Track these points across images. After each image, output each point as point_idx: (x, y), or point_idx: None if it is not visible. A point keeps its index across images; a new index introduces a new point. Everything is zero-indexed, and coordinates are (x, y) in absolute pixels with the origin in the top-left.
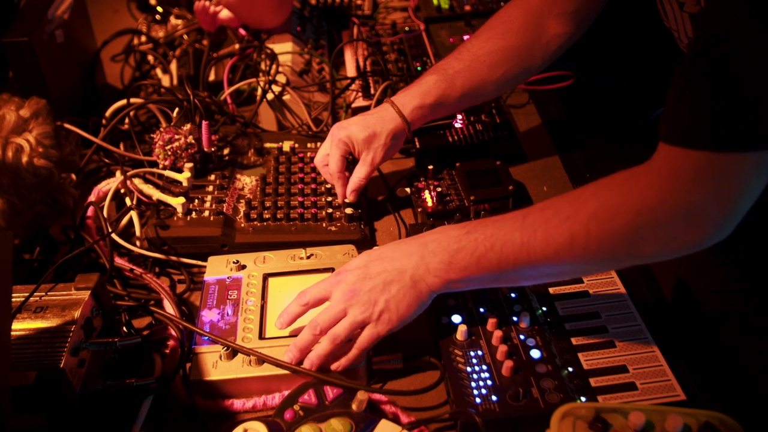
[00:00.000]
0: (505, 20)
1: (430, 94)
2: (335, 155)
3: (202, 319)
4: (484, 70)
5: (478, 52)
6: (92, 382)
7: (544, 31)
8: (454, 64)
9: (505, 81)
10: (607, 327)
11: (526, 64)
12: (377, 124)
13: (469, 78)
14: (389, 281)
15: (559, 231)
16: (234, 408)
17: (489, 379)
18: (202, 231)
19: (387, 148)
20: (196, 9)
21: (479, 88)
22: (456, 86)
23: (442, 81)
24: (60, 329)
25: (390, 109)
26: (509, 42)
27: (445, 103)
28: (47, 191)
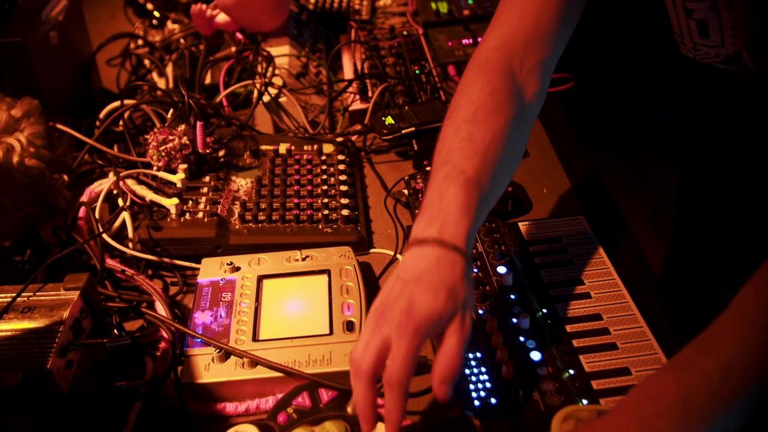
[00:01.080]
0: (489, 92)
1: (470, 210)
2: (406, 355)
3: (194, 321)
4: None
5: (485, 139)
6: (81, 385)
7: (524, 93)
8: (469, 163)
9: (517, 155)
10: (609, 329)
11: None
12: (444, 278)
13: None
14: None
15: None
16: (226, 411)
17: (488, 381)
18: (196, 232)
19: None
20: (193, 12)
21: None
22: (484, 185)
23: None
24: (48, 330)
25: (437, 250)
26: (508, 116)
27: (483, 208)
28: (39, 192)
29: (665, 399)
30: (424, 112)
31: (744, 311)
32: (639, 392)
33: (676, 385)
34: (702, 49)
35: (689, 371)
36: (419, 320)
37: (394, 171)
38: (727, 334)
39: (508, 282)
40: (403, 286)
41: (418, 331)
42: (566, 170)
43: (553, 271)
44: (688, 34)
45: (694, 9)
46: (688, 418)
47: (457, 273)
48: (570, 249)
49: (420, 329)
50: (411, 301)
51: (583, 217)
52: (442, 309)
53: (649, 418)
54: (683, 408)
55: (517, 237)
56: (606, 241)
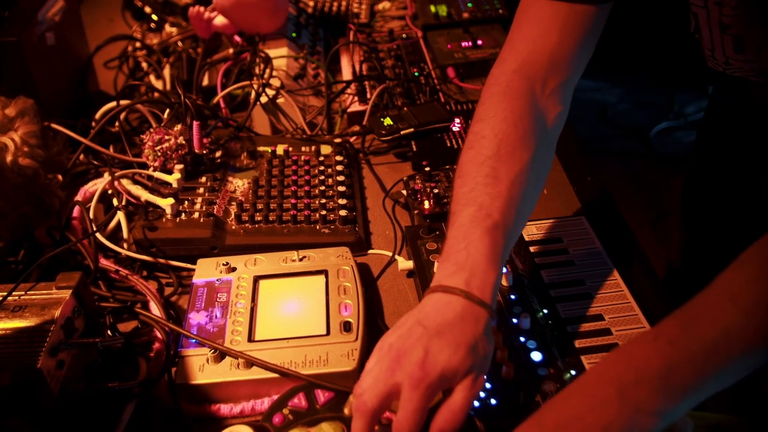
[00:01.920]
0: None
1: (497, 258)
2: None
3: (189, 321)
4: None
5: (510, 177)
6: (72, 386)
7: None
8: (494, 204)
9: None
10: (611, 329)
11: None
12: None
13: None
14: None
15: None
16: (221, 413)
17: (488, 382)
18: (192, 232)
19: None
20: (191, 15)
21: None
22: (510, 227)
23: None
24: (38, 329)
25: (463, 303)
26: (532, 149)
27: (508, 251)
28: (33, 192)
29: (647, 368)
30: (423, 113)
31: (735, 298)
32: (620, 359)
33: (661, 357)
34: (735, 63)
35: (675, 345)
36: (434, 376)
37: (393, 172)
38: (716, 318)
39: (508, 282)
40: (423, 334)
41: (431, 386)
42: (566, 171)
43: (554, 272)
44: (721, 48)
45: (731, 25)
46: (669, 389)
47: (479, 329)
48: (571, 249)
49: (433, 384)
50: (428, 353)
51: (584, 217)
52: (459, 367)
53: (630, 386)
54: (665, 379)
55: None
56: (608, 242)
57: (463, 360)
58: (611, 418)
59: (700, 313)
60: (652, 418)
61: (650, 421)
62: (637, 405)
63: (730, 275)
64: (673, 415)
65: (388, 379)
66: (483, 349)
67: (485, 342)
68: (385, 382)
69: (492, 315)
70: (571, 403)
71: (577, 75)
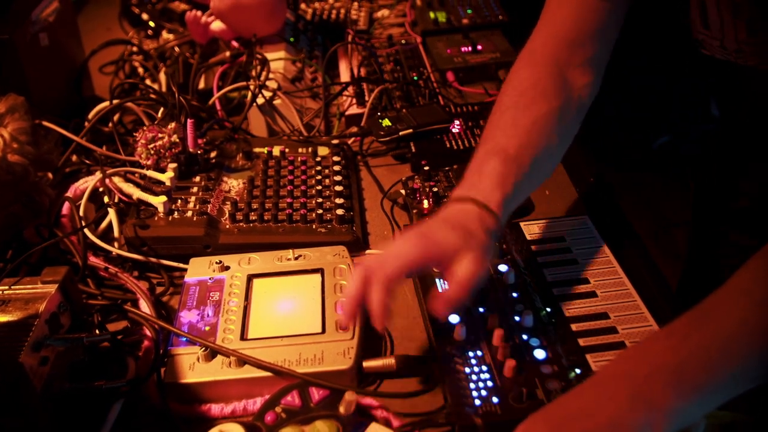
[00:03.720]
0: (532, 83)
1: (507, 183)
2: (401, 254)
3: (180, 320)
4: (542, 139)
5: (526, 123)
6: (57, 384)
7: (573, 85)
8: (510, 143)
9: (563, 143)
10: (617, 328)
11: (573, 123)
12: (465, 222)
13: (533, 153)
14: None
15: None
16: (211, 413)
17: (489, 380)
18: (184, 231)
19: (487, 251)
20: (188, 19)
21: (546, 159)
22: (525, 165)
23: (509, 164)
24: (22, 323)
25: (468, 205)
26: (552, 104)
27: (522, 188)
28: (22, 190)
29: (661, 365)
30: (422, 114)
31: (750, 292)
32: (632, 356)
33: (674, 353)
34: (747, 49)
35: (688, 341)
36: (430, 241)
37: (392, 174)
38: (731, 311)
39: (510, 280)
40: (429, 219)
41: (419, 245)
42: (568, 172)
43: (557, 270)
44: (734, 33)
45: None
46: (682, 386)
47: (481, 227)
48: (574, 248)
49: (428, 246)
50: (429, 227)
51: (587, 216)
52: (453, 242)
53: (643, 383)
54: (678, 375)
55: (519, 236)
56: (611, 241)
57: (456, 238)
58: (620, 413)
59: (714, 308)
60: (665, 416)
61: (663, 420)
62: (648, 402)
63: (744, 273)
64: (687, 415)
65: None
66: (482, 240)
67: (485, 236)
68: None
69: (497, 223)
70: (580, 398)
71: (605, 51)
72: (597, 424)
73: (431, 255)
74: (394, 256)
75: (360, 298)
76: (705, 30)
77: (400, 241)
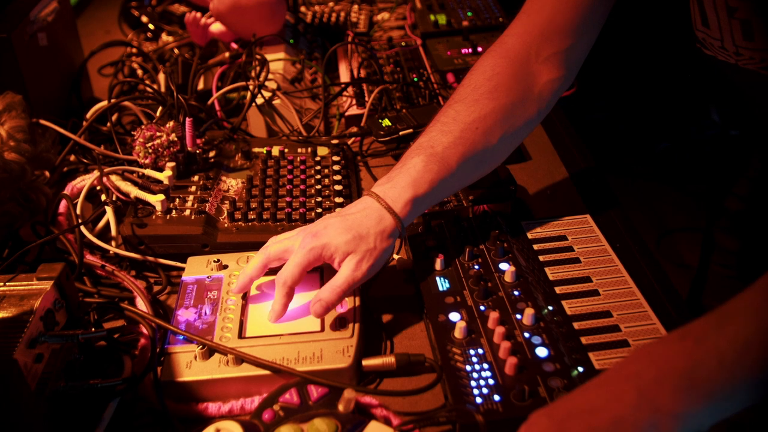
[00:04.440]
0: (489, 76)
1: (422, 181)
2: (298, 263)
3: (177, 318)
4: (478, 138)
5: (466, 120)
6: (51, 383)
7: (534, 80)
8: (441, 139)
9: (503, 145)
10: (620, 326)
11: (522, 122)
12: (361, 225)
13: (463, 151)
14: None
15: None
16: (209, 412)
17: (491, 378)
18: (182, 229)
19: (378, 255)
20: (187, 21)
21: (477, 160)
22: (450, 164)
23: (432, 162)
24: (16, 320)
25: (374, 204)
26: (500, 101)
27: (444, 187)
28: (19, 189)
29: (671, 367)
30: (422, 114)
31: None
32: (641, 357)
33: (686, 355)
34: (745, 53)
35: (702, 343)
36: (318, 244)
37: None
38: (749, 316)
39: (511, 278)
40: (331, 216)
41: (315, 250)
42: (569, 172)
43: (559, 269)
44: (730, 36)
45: (737, 7)
46: (692, 390)
47: (379, 228)
48: (576, 247)
49: (317, 249)
50: (325, 228)
51: (588, 215)
52: (342, 245)
53: (651, 385)
54: (689, 379)
55: (521, 235)
56: (613, 240)
57: (348, 242)
58: (624, 412)
59: (733, 312)
60: (672, 420)
61: (670, 424)
62: (655, 404)
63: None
64: (698, 420)
65: (291, 238)
66: (374, 243)
67: (379, 239)
68: (288, 238)
69: (397, 223)
70: (585, 396)
71: (579, 45)
72: (600, 422)
73: (323, 259)
74: (293, 264)
75: (254, 278)
76: (704, 27)
77: (298, 244)
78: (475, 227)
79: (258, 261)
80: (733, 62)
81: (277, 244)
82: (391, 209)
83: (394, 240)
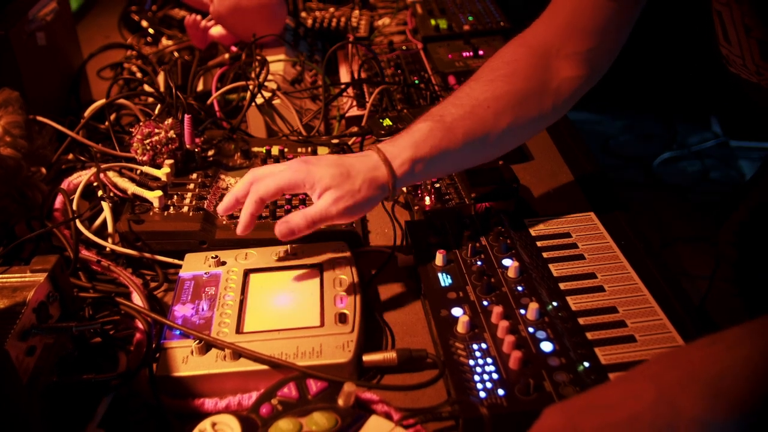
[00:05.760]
0: (508, 60)
1: (424, 144)
2: (278, 180)
3: (173, 313)
4: (488, 117)
5: (479, 97)
6: (44, 378)
7: (554, 74)
8: (452, 110)
9: (512, 132)
10: (626, 321)
11: (534, 113)
12: (352, 166)
13: (471, 126)
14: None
15: None
16: (205, 408)
17: (495, 372)
18: (180, 225)
19: (360, 200)
20: (187, 23)
21: (483, 139)
22: (456, 136)
23: (438, 129)
24: (8, 311)
25: (373, 155)
26: (516, 86)
27: (444, 156)
28: (14, 186)
29: (697, 371)
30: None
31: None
32: (665, 358)
33: (714, 361)
34: (765, 73)
35: (733, 351)
36: (303, 168)
37: None
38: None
39: (515, 274)
40: (330, 154)
41: (297, 173)
42: (572, 171)
43: (563, 265)
44: (750, 55)
45: (753, 27)
46: (718, 398)
47: (368, 172)
48: (580, 244)
49: (299, 173)
50: (318, 159)
51: (593, 213)
52: (326, 178)
53: (673, 386)
54: (715, 386)
55: (524, 232)
56: (618, 237)
57: (333, 175)
58: (642, 410)
59: None
60: (693, 426)
61: (690, 429)
62: (676, 406)
63: None
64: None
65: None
66: (360, 185)
67: (367, 186)
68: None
69: (390, 177)
70: (604, 392)
71: (602, 49)
72: (616, 418)
73: (304, 185)
74: (273, 177)
75: (240, 200)
76: (726, 43)
77: (286, 165)
78: (478, 224)
79: (245, 179)
80: (756, 81)
81: (266, 167)
82: (387, 161)
83: (383, 194)
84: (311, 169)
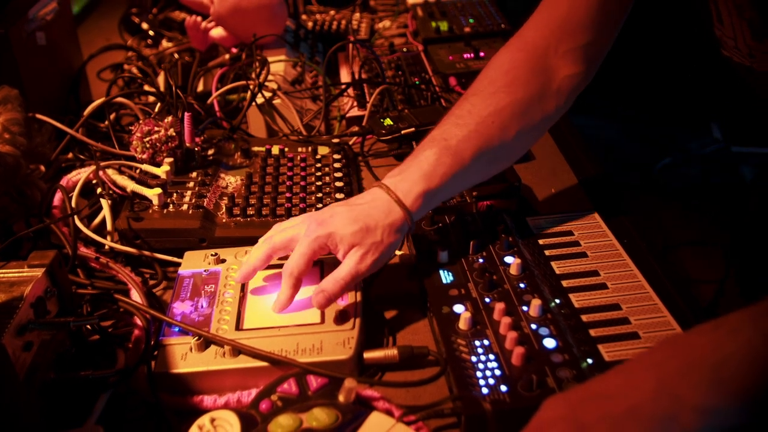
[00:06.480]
0: (506, 70)
1: (434, 175)
2: (303, 253)
3: (172, 310)
4: (494, 132)
5: (482, 113)
6: (41, 374)
7: (553, 74)
8: (456, 132)
9: (520, 141)
10: (630, 318)
11: (539, 117)
12: (369, 216)
13: (478, 145)
14: None
15: None
16: (204, 405)
17: (497, 368)
18: (180, 223)
19: (384, 249)
20: (188, 25)
21: (492, 155)
22: (464, 158)
23: (445, 155)
24: (5, 306)
25: (383, 196)
26: (517, 95)
27: (455, 180)
28: (13, 184)
29: (698, 358)
30: (424, 114)
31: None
32: (666, 346)
33: (715, 347)
34: (757, 55)
35: (735, 336)
36: (324, 233)
37: None
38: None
39: (517, 271)
40: (339, 205)
41: (320, 239)
42: (574, 170)
43: (566, 263)
44: (742, 36)
45: (745, 8)
46: (720, 385)
47: (387, 221)
48: (583, 242)
49: (321, 238)
50: (331, 216)
51: (596, 213)
52: (347, 236)
53: (674, 375)
54: (717, 372)
55: (526, 230)
56: (621, 236)
57: (354, 233)
58: (641, 401)
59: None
60: (695, 415)
61: (692, 418)
62: (676, 395)
63: None
64: (729, 417)
65: (295, 226)
66: (380, 237)
67: (386, 233)
68: (293, 227)
69: (407, 218)
70: (604, 382)
71: (598, 42)
72: (616, 409)
73: (327, 248)
74: (299, 254)
75: (257, 270)
76: (719, 24)
77: (302, 230)
78: (479, 222)
79: (262, 251)
80: (748, 64)
81: (282, 233)
82: (401, 202)
83: (402, 235)
84: (331, 232)
